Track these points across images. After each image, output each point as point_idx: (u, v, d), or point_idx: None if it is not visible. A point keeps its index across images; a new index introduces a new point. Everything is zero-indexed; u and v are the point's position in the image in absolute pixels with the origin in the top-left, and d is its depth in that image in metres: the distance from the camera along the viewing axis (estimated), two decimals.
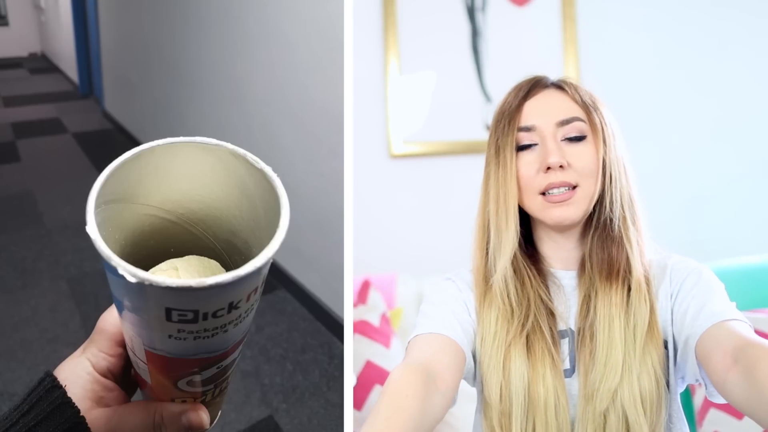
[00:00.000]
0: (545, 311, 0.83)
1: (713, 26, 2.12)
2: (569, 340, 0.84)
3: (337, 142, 2.02)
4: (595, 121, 0.84)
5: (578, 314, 0.83)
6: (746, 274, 1.69)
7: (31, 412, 0.45)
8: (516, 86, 0.88)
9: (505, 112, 0.86)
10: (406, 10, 2.10)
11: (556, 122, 0.83)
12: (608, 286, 0.82)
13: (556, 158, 0.81)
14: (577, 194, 0.82)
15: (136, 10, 3.85)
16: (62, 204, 3.28)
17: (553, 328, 0.83)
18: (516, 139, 0.84)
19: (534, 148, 0.84)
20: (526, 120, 0.84)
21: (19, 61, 6.88)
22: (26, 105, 5.26)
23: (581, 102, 0.85)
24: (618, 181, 0.84)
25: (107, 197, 0.42)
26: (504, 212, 0.83)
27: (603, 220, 0.84)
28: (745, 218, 2.10)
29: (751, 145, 2.12)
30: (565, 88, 0.87)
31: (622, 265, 0.82)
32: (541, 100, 0.86)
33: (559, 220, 0.82)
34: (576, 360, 0.82)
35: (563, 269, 0.88)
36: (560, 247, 0.87)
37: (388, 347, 1.66)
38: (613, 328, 0.80)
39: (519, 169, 0.83)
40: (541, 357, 0.80)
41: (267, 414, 1.93)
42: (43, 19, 6.85)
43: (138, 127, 4.13)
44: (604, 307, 0.81)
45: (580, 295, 0.84)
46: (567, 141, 0.83)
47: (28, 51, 7.14)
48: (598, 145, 0.83)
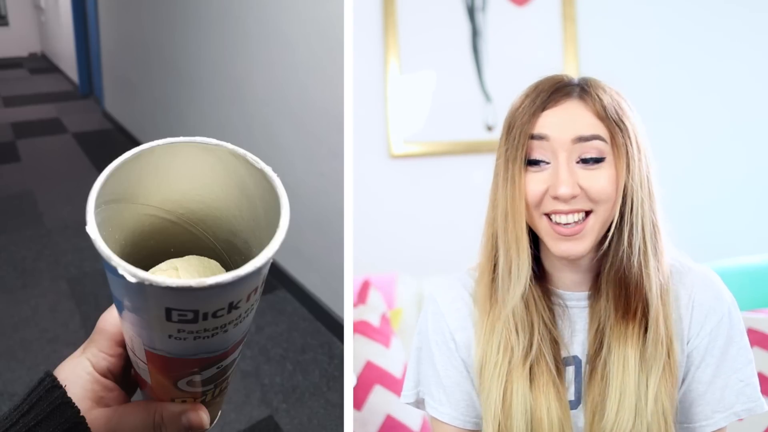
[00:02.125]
0: (549, 339, 0.78)
1: (714, 26, 2.12)
2: (574, 369, 0.79)
3: (337, 142, 2.02)
4: (618, 141, 0.74)
5: (588, 344, 0.79)
6: (746, 274, 1.69)
7: (31, 412, 0.45)
8: (535, 89, 0.78)
9: (517, 120, 0.77)
10: (406, 10, 2.10)
11: (572, 138, 0.74)
12: (624, 324, 0.76)
13: (568, 189, 0.72)
14: (588, 223, 0.74)
15: (136, 10, 3.85)
16: (62, 204, 3.29)
17: (557, 358, 0.78)
18: (527, 149, 0.75)
19: (545, 167, 0.75)
20: (540, 128, 0.75)
21: (19, 61, 6.89)
22: (26, 105, 5.27)
23: (605, 117, 0.75)
24: (640, 207, 0.75)
25: (107, 197, 0.42)
26: (514, 238, 0.76)
27: (621, 253, 0.75)
28: (746, 218, 2.09)
29: (753, 145, 2.12)
30: (588, 100, 0.76)
31: (640, 304, 0.75)
32: (559, 112, 0.76)
33: (566, 255, 0.75)
34: (583, 392, 0.79)
35: (571, 291, 0.81)
36: (569, 270, 0.80)
37: (388, 347, 1.66)
38: (627, 371, 0.75)
39: (527, 184, 0.75)
40: (545, 389, 0.76)
41: (267, 414, 1.93)
42: (43, 19, 6.85)
43: (138, 127, 4.14)
44: (618, 348, 0.75)
45: (592, 323, 0.79)
46: (583, 162, 0.74)
47: (28, 51, 7.14)
48: (620, 169, 0.74)
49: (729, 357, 0.77)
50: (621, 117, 0.76)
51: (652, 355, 0.75)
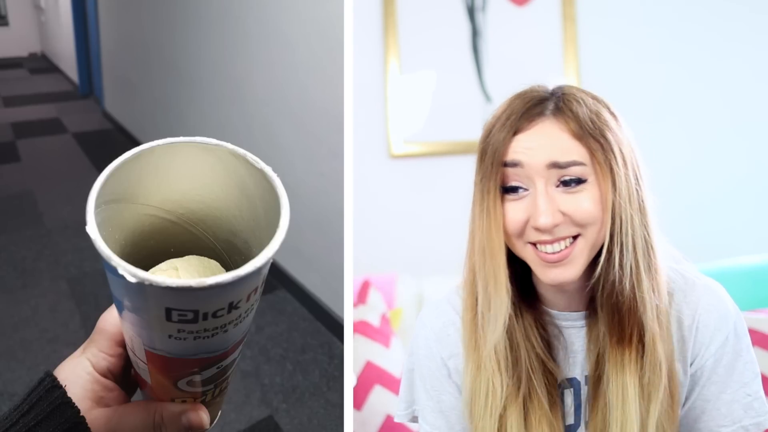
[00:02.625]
0: (541, 368, 0.74)
1: (714, 26, 2.12)
2: (573, 392, 0.77)
3: (337, 142, 2.02)
4: (599, 159, 0.68)
5: (589, 366, 0.76)
6: (746, 274, 1.69)
7: (31, 412, 0.45)
8: (506, 110, 0.72)
9: (489, 147, 0.71)
10: (406, 10, 2.10)
11: (547, 164, 0.68)
12: (620, 351, 0.72)
13: (548, 219, 0.67)
14: (577, 247, 0.69)
15: (136, 10, 3.85)
16: (62, 204, 3.28)
17: (551, 388, 0.75)
18: (502, 177, 0.70)
19: (522, 194, 0.70)
20: (513, 154, 0.69)
21: (19, 61, 6.88)
22: (26, 105, 5.27)
23: (582, 134, 0.69)
24: (629, 225, 0.69)
25: (107, 197, 0.42)
26: (492, 274, 0.72)
27: (613, 276, 0.70)
28: (746, 218, 2.10)
29: (754, 144, 2.12)
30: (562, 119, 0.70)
31: (636, 328, 0.71)
32: (532, 135, 0.70)
33: (556, 282, 0.70)
34: (584, 415, 0.76)
35: (566, 311, 0.77)
36: (561, 293, 0.76)
37: (388, 347, 1.66)
38: (627, 400, 0.71)
39: (506, 214, 0.70)
40: (538, 423, 0.73)
41: (267, 414, 1.93)
42: (43, 19, 6.85)
43: (138, 127, 4.13)
44: (617, 376, 0.72)
45: (590, 345, 0.75)
46: (563, 185, 0.68)
47: (28, 51, 7.14)
48: (604, 189, 0.68)
49: (736, 372, 0.74)
50: (601, 131, 0.69)
51: (652, 380, 0.72)
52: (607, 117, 0.71)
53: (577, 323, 0.77)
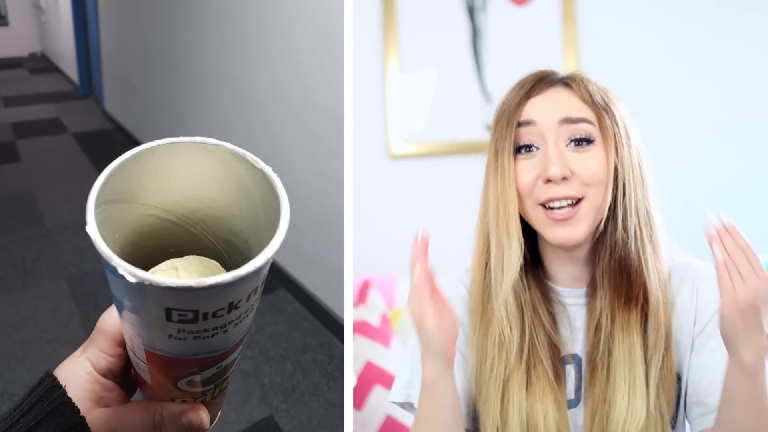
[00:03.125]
0: (547, 341, 0.76)
1: (714, 26, 2.12)
2: (575, 368, 0.78)
3: (337, 142, 2.02)
4: (605, 124, 0.74)
5: (588, 341, 0.77)
6: None
7: (31, 412, 0.45)
8: (519, 81, 0.79)
9: (504, 111, 0.77)
10: (406, 10, 2.10)
11: (558, 119, 0.74)
12: (627, 311, 0.74)
13: (558, 169, 0.72)
14: (581, 209, 0.73)
15: (136, 10, 3.85)
16: (62, 204, 3.28)
17: (555, 360, 0.76)
18: (515, 137, 0.75)
19: (534, 152, 0.75)
20: (527, 115, 0.75)
21: (19, 61, 6.89)
22: (26, 105, 5.27)
23: (591, 101, 0.76)
24: (633, 192, 0.75)
25: (107, 197, 0.42)
26: (505, 226, 0.75)
27: (616, 240, 0.74)
28: (746, 218, 2.09)
29: (754, 144, 2.12)
30: (574, 86, 0.77)
31: (642, 291, 0.74)
32: (544, 98, 0.76)
33: (562, 241, 0.73)
34: (584, 391, 0.77)
35: (570, 287, 0.80)
36: (568, 263, 0.79)
37: (388, 347, 1.66)
38: (635, 358, 0.73)
39: (518, 174, 0.75)
40: (542, 395, 0.74)
41: (267, 414, 1.93)
42: (43, 19, 6.85)
43: (138, 127, 4.13)
44: (624, 336, 0.74)
45: (590, 320, 0.77)
46: (572, 145, 0.74)
47: (28, 51, 7.14)
48: (609, 152, 0.74)
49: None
50: (607, 103, 0.76)
51: (653, 344, 0.74)
52: (613, 98, 0.78)
53: (579, 300, 0.79)
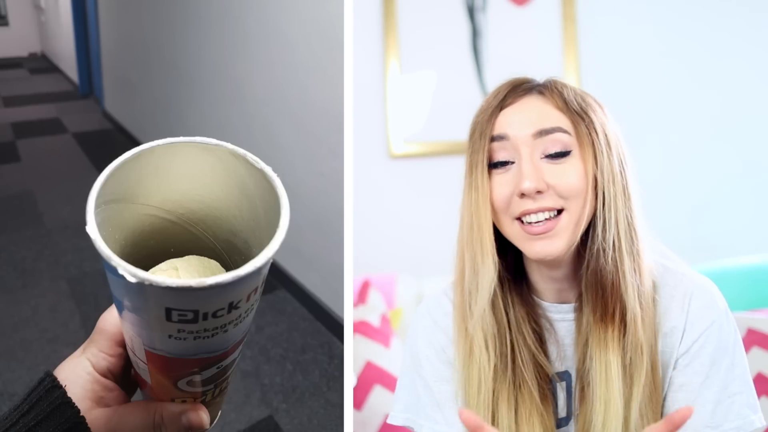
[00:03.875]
0: (532, 361, 0.74)
1: (714, 27, 2.12)
2: (566, 386, 0.76)
3: (337, 142, 2.02)
4: (581, 131, 0.71)
5: (577, 358, 0.75)
6: (746, 274, 1.69)
7: (31, 412, 0.45)
8: (493, 91, 0.76)
9: (478, 123, 0.75)
10: (406, 10, 2.10)
11: (532, 133, 0.71)
12: (603, 328, 0.72)
13: (531, 183, 0.69)
14: (561, 221, 0.70)
15: (136, 10, 3.85)
16: (62, 204, 3.28)
17: (541, 380, 0.74)
18: (489, 152, 0.73)
19: (509, 167, 0.72)
20: (500, 128, 0.73)
21: (19, 61, 6.88)
22: (26, 105, 5.26)
23: (566, 109, 0.72)
24: (613, 202, 0.71)
25: (107, 197, 0.42)
26: (479, 243, 0.72)
27: (596, 250, 0.71)
28: (746, 218, 2.09)
29: (753, 144, 2.12)
30: (546, 94, 0.74)
31: (618, 306, 0.71)
32: (517, 109, 0.73)
33: (541, 255, 0.70)
34: (574, 408, 0.75)
35: (557, 302, 0.77)
36: (552, 279, 0.76)
37: (388, 347, 1.66)
38: (611, 378, 0.70)
39: (493, 190, 0.72)
40: (528, 415, 0.72)
41: (267, 414, 1.93)
42: (43, 19, 6.85)
43: (138, 127, 4.13)
44: (600, 354, 0.71)
45: (579, 337, 0.75)
46: (548, 158, 0.71)
47: (28, 51, 7.14)
48: (587, 161, 0.70)
49: (721, 369, 0.72)
50: (584, 109, 0.72)
51: (634, 361, 0.71)
52: (592, 102, 0.74)
53: (567, 316, 0.77)
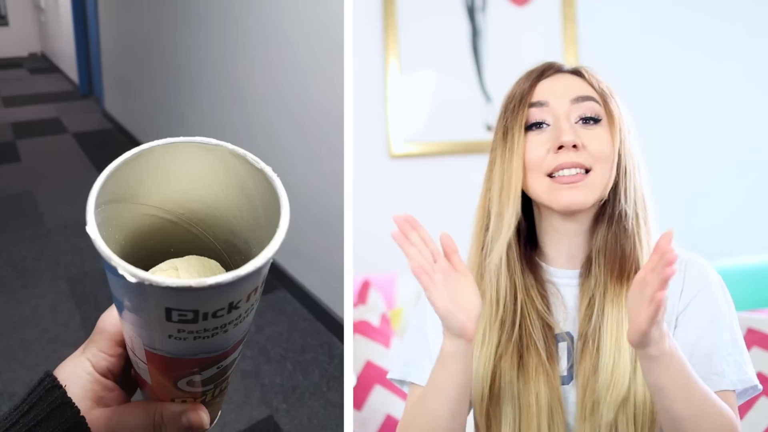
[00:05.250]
0: (539, 321, 0.78)
1: (713, 27, 2.12)
2: (568, 345, 0.79)
3: (337, 142, 2.02)
4: (611, 107, 0.79)
5: (580, 318, 0.79)
6: (746, 274, 1.69)
7: (31, 412, 0.45)
8: (528, 71, 0.83)
9: (516, 93, 0.81)
10: (406, 10, 2.10)
11: (571, 99, 0.78)
12: (619, 286, 0.76)
13: (570, 137, 0.75)
14: (589, 178, 0.76)
15: (136, 10, 3.85)
16: (62, 204, 3.28)
17: (548, 339, 0.78)
18: (527, 117, 0.78)
19: (545, 129, 0.78)
20: (539, 96, 0.79)
21: (19, 61, 6.88)
22: (26, 105, 5.26)
23: (598, 88, 0.80)
24: (633, 174, 0.79)
25: (107, 197, 0.42)
26: (506, 193, 0.77)
27: (617, 213, 0.78)
28: (745, 218, 2.09)
29: (751, 145, 2.12)
30: (582, 73, 0.82)
31: (634, 266, 0.76)
32: (555, 81, 0.81)
33: (568, 204, 0.75)
34: (575, 368, 0.78)
35: (565, 268, 0.82)
36: (565, 240, 0.81)
37: (388, 347, 1.66)
38: (621, 332, 0.74)
39: (527, 150, 0.78)
40: (534, 373, 0.76)
41: (267, 414, 1.93)
42: (43, 19, 6.85)
43: (138, 127, 4.13)
44: (613, 310, 0.76)
45: (583, 298, 0.79)
46: (582, 123, 0.78)
47: (28, 51, 7.14)
48: (614, 133, 0.78)
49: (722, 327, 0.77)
50: (612, 94, 0.81)
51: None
52: (616, 95, 0.83)
53: (572, 281, 0.81)
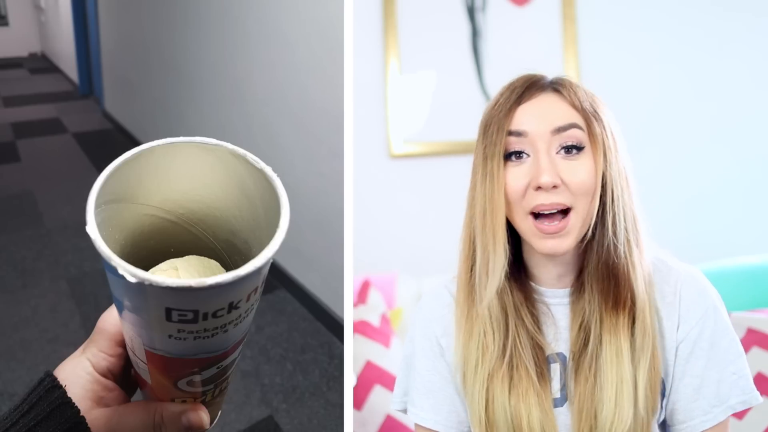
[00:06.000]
0: (530, 342, 0.78)
1: (713, 26, 2.12)
2: (560, 367, 0.79)
3: (337, 142, 2.02)
4: (595, 130, 0.75)
5: (572, 341, 0.78)
6: (746, 274, 1.69)
7: (31, 412, 0.45)
8: (509, 86, 0.79)
9: (494, 117, 0.77)
10: (406, 10, 2.10)
11: (551, 129, 0.74)
12: (615, 315, 0.75)
13: (549, 177, 0.72)
14: (570, 221, 0.73)
15: (136, 10, 3.85)
16: (62, 204, 3.29)
17: (539, 360, 0.78)
18: (505, 145, 0.75)
19: (524, 159, 0.75)
20: (518, 125, 0.75)
21: (19, 61, 6.89)
22: (26, 105, 5.27)
23: (581, 108, 0.76)
24: (620, 198, 0.76)
25: (107, 197, 0.42)
26: (492, 232, 0.76)
27: (606, 245, 0.75)
28: (745, 218, 2.09)
29: (751, 145, 2.12)
30: (562, 92, 0.77)
31: (629, 295, 0.76)
32: (535, 105, 0.76)
33: (551, 252, 0.74)
34: (569, 390, 0.78)
35: (553, 287, 0.81)
36: (553, 267, 0.80)
37: (388, 347, 1.66)
38: (621, 362, 0.74)
39: (507, 181, 0.75)
40: (524, 394, 0.76)
41: (267, 414, 1.93)
42: (43, 19, 6.85)
43: (138, 127, 4.14)
44: (611, 340, 0.75)
45: (575, 318, 0.78)
46: (563, 153, 0.74)
47: (28, 51, 7.15)
48: (598, 158, 0.75)
49: (720, 349, 0.77)
50: (596, 109, 0.77)
51: (640, 346, 0.75)
52: (600, 103, 0.79)
53: (563, 300, 0.80)
